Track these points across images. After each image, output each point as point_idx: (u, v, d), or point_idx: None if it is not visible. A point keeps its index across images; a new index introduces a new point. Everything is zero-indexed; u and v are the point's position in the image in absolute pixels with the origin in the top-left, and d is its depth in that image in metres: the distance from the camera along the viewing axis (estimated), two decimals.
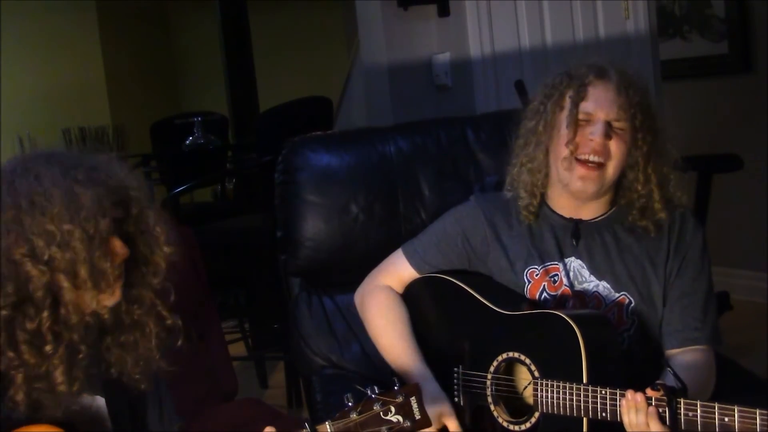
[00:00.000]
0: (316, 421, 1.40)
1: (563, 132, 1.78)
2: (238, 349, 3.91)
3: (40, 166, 1.29)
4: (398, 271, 1.95)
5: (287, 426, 1.44)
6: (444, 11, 3.34)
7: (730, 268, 4.23)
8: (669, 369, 1.56)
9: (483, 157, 2.18)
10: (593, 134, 1.75)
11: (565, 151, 1.77)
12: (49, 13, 6.40)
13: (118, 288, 1.33)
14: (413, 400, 1.41)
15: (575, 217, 1.84)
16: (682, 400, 1.46)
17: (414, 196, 2.16)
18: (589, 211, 1.84)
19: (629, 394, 1.51)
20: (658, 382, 1.50)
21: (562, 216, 1.85)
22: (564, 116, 1.78)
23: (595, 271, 1.82)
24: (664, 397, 1.47)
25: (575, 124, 1.77)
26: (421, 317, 1.92)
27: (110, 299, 1.33)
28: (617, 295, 1.81)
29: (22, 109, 6.30)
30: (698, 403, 1.44)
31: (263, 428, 1.41)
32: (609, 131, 1.75)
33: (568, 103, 1.78)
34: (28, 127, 6.32)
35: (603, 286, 1.81)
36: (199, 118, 4.63)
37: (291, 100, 4.45)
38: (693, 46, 4.43)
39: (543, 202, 1.86)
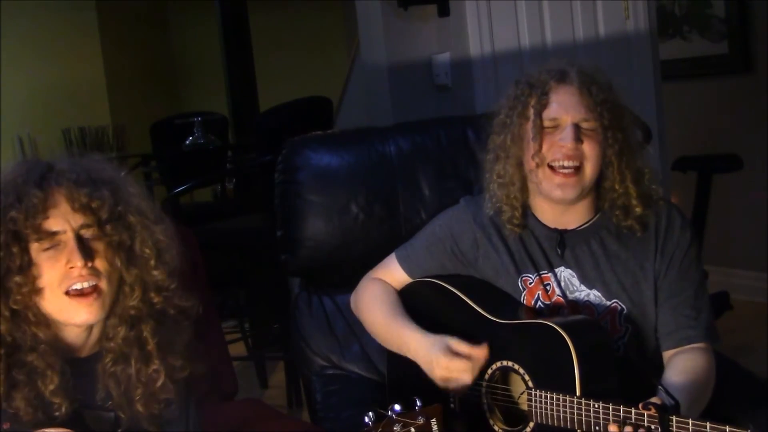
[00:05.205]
0: (318, 422, 1.39)
1: (531, 143, 1.75)
2: (238, 349, 3.91)
3: None
4: (392, 273, 1.95)
5: (287, 426, 1.43)
6: (444, 11, 3.33)
7: (730, 268, 4.24)
8: (660, 387, 1.55)
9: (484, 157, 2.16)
10: (563, 140, 1.73)
11: (534, 162, 1.75)
12: (49, 13, 6.39)
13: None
14: (433, 422, 1.39)
15: (560, 226, 1.82)
16: (674, 418, 1.45)
17: (414, 195, 2.16)
18: (573, 218, 1.82)
19: (621, 410, 1.50)
20: (650, 400, 1.49)
21: (546, 226, 1.83)
22: (530, 127, 1.76)
23: (585, 280, 1.81)
24: (656, 414, 1.46)
25: (540, 135, 1.75)
26: (415, 322, 1.90)
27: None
28: (608, 303, 1.80)
29: (22, 109, 6.29)
30: (690, 421, 1.44)
31: (263, 428, 1.39)
32: (579, 134, 1.73)
33: (531, 113, 1.76)
34: (28, 127, 6.32)
35: (594, 295, 1.80)
36: (199, 118, 4.63)
37: (291, 100, 4.44)
38: (693, 46, 4.43)
39: (529, 212, 1.84)
